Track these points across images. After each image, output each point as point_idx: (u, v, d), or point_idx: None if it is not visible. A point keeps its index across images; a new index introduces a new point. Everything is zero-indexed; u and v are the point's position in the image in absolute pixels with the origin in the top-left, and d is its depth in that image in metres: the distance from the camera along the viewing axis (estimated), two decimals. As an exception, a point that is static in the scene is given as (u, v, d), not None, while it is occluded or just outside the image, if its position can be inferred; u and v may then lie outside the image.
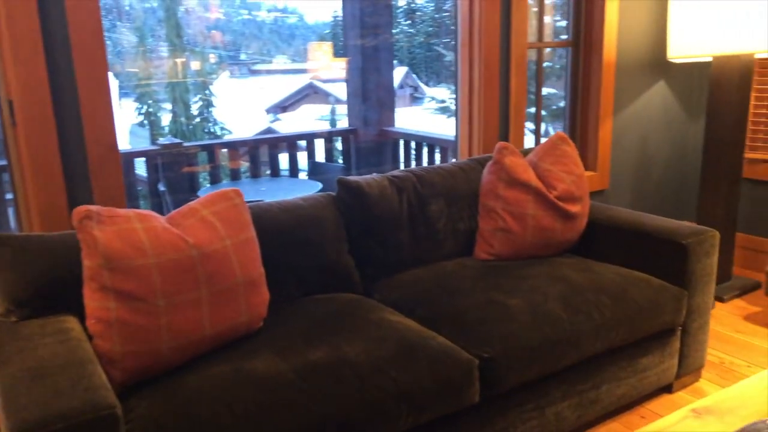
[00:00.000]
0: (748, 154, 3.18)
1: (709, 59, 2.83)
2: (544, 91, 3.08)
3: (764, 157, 3.16)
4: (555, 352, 1.73)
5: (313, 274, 1.93)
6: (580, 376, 1.85)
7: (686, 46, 2.67)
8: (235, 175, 4.99)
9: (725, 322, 2.70)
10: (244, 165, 5.18)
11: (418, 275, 2.04)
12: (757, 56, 2.87)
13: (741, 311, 2.81)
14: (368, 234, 2.04)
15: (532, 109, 3.13)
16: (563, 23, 3.31)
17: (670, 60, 2.89)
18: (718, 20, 2.56)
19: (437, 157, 4.73)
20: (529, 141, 3.05)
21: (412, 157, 4.90)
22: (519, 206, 2.17)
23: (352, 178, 2.06)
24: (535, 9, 2.97)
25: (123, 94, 11.67)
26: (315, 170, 5.00)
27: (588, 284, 1.93)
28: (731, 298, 2.93)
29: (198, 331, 1.51)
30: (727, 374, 2.29)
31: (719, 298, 2.90)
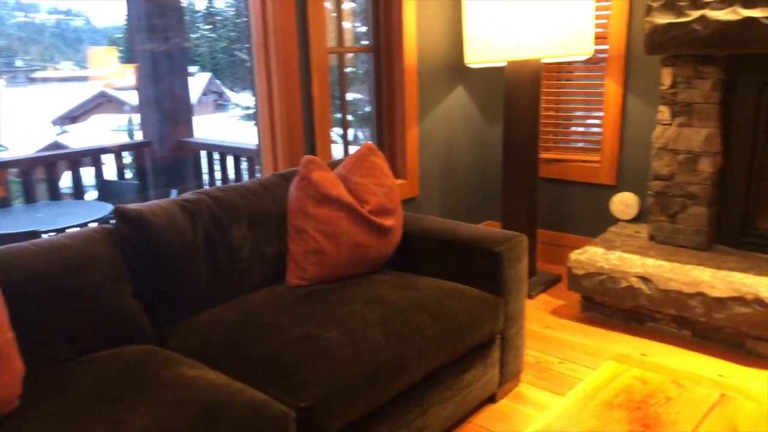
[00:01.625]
0: (542, 155, 3.34)
1: (503, 64, 2.91)
2: (350, 96, 2.96)
3: (555, 156, 3.34)
4: (378, 386, 1.57)
5: (87, 327, 1.58)
6: (406, 404, 1.72)
7: (481, 51, 2.70)
8: (3, 202, 4.25)
9: (535, 319, 2.79)
10: (17, 187, 4.44)
11: (221, 314, 1.78)
12: (543, 61, 3.00)
13: (547, 306, 2.92)
14: (156, 271, 1.73)
15: (339, 115, 3.00)
16: (364, 29, 3.23)
17: (467, 65, 2.92)
18: (510, 27, 2.62)
19: (244, 166, 4.44)
20: (336, 147, 2.91)
21: (217, 169, 4.54)
22: (331, 224, 2.00)
23: (132, 206, 1.73)
24: (334, 14, 2.83)
25: None
26: (105, 190, 4.43)
27: (407, 303, 1.82)
28: (537, 293, 3.05)
29: None
30: (544, 374, 2.33)
31: (527, 295, 3.00)
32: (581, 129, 3.33)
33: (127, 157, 4.96)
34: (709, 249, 2.72)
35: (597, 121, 3.22)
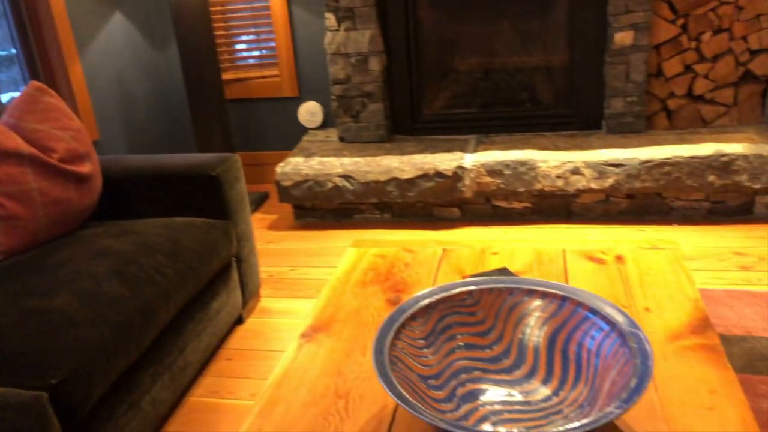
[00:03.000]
0: (223, 76, 3.28)
1: (164, -17, 2.72)
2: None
3: (236, 76, 3.31)
4: (132, 338, 1.46)
5: None
6: (163, 348, 1.63)
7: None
8: None
9: (256, 238, 2.83)
10: None
11: None
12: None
13: (263, 223, 2.99)
14: None
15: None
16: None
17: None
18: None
19: None
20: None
21: None
22: (16, 183, 1.70)
23: None
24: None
25: None
26: None
27: (136, 249, 1.68)
28: (251, 213, 3.08)
29: None
30: (279, 284, 2.41)
31: (242, 218, 3.01)
32: (255, 45, 3.34)
33: None
34: (390, 140, 3.06)
35: (270, 36, 3.26)
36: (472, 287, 1.14)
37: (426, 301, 1.10)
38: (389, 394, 0.88)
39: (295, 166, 2.82)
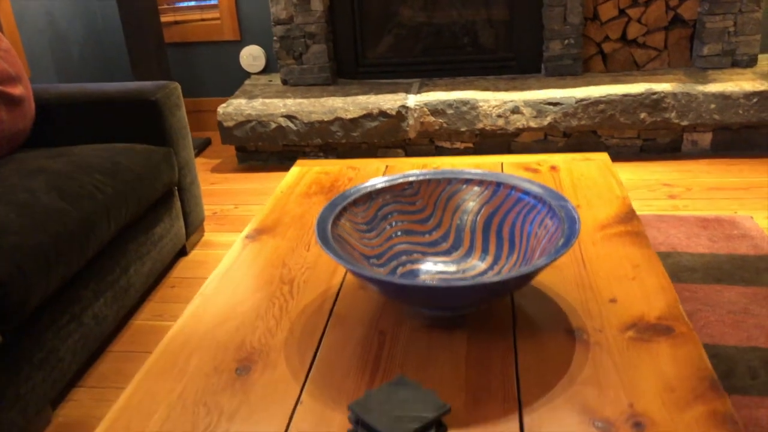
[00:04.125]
0: (161, 18, 3.19)
1: None
2: None
3: (174, 19, 3.23)
4: (73, 248, 1.44)
5: None
6: (105, 265, 1.62)
7: None
8: None
9: (200, 180, 2.80)
10: None
11: None
12: None
13: (206, 166, 2.95)
14: None
15: None
16: None
17: None
18: None
19: None
20: None
21: None
22: (-58, 99, 1.63)
23: None
24: None
25: None
26: None
27: (73, 168, 1.65)
28: (194, 157, 3.04)
29: None
30: (223, 220, 2.40)
31: (184, 161, 2.97)
32: (194, -12, 3.26)
33: None
34: (334, 83, 3.05)
35: (209, -23, 3.18)
36: (413, 178, 1.17)
37: (368, 189, 1.14)
38: (333, 257, 0.91)
39: (237, 106, 2.79)
